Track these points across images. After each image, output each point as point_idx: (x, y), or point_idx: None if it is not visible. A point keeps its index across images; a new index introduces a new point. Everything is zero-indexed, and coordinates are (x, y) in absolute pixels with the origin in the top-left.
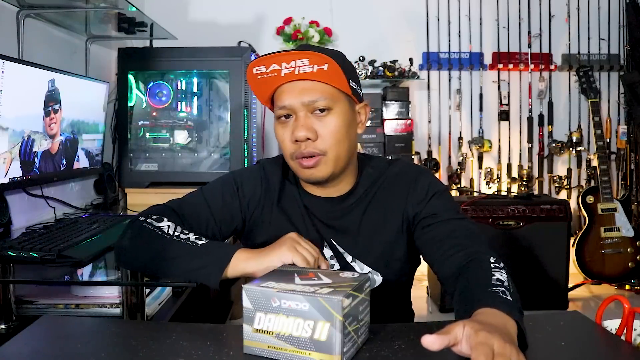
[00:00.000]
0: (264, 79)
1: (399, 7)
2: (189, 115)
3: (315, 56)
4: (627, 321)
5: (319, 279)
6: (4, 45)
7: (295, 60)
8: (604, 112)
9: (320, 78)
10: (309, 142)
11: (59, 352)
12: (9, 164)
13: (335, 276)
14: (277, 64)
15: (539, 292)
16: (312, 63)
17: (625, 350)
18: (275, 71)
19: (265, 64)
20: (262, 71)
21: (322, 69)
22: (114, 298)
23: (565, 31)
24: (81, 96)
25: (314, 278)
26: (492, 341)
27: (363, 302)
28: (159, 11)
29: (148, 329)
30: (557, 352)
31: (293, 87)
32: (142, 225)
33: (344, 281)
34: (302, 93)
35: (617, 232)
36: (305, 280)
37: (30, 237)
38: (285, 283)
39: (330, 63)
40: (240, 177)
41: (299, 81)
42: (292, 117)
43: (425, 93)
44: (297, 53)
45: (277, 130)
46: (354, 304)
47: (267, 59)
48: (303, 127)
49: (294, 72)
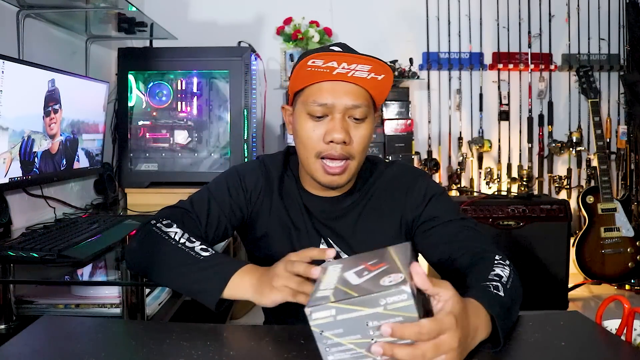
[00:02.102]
0: (313, 71)
1: (399, 7)
2: (189, 115)
3: (377, 65)
4: (627, 321)
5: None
6: (4, 45)
7: (357, 64)
8: (604, 112)
9: (367, 86)
10: (342, 146)
11: (59, 352)
12: (9, 164)
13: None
14: (337, 62)
15: (539, 292)
16: (372, 71)
17: (625, 350)
18: (330, 68)
19: (325, 59)
20: (318, 65)
21: (375, 78)
22: (114, 298)
23: (565, 31)
24: (81, 96)
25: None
26: (449, 332)
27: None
28: (159, 11)
29: (148, 329)
30: (557, 352)
31: (338, 87)
32: (152, 229)
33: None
34: (346, 95)
35: (617, 232)
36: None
37: (30, 237)
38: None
39: (387, 75)
40: (243, 170)
41: (344, 82)
42: (327, 117)
43: (425, 93)
44: (361, 58)
45: (305, 125)
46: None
47: (329, 55)
48: (343, 130)
49: (347, 74)
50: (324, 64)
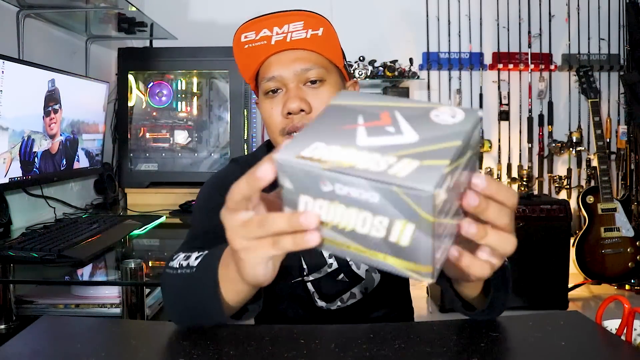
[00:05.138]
0: (252, 49)
1: (399, 7)
2: (189, 115)
3: (310, 18)
4: (627, 321)
5: (398, 131)
6: (4, 45)
7: (288, 23)
8: (603, 112)
9: (313, 47)
10: (302, 115)
11: (59, 352)
12: (9, 164)
13: (424, 123)
14: (269, 29)
15: (539, 291)
16: (307, 27)
17: (625, 350)
18: (266, 38)
19: (255, 28)
20: (252, 38)
21: (316, 34)
22: (114, 298)
23: (565, 31)
24: (81, 96)
25: (390, 127)
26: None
27: (470, 161)
28: (158, 11)
29: (148, 329)
30: (557, 352)
31: (284, 57)
32: (164, 273)
33: (438, 138)
34: (293, 62)
35: (617, 232)
36: (375, 135)
37: (30, 237)
38: (340, 146)
39: (326, 27)
40: (218, 181)
41: (290, 50)
42: (282, 91)
43: (425, 93)
44: (290, 14)
45: (264, 105)
46: (453, 182)
47: (257, 22)
48: (296, 98)
49: (286, 39)
50: (256, 35)
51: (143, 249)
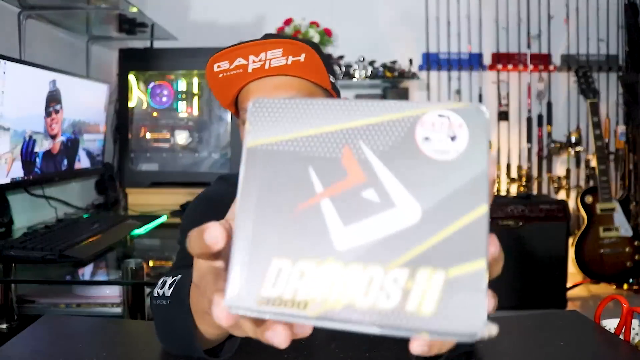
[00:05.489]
0: (227, 78)
1: (399, 7)
2: (190, 116)
3: (289, 45)
4: (626, 320)
5: (384, 198)
6: (5, 45)
7: (265, 51)
8: (602, 113)
9: (296, 72)
10: None
11: (60, 351)
12: (10, 164)
13: (415, 165)
14: (244, 58)
15: (538, 291)
16: (286, 54)
17: (623, 349)
18: (241, 67)
19: (228, 58)
20: (225, 68)
21: (298, 60)
22: (115, 298)
23: (564, 32)
24: (82, 97)
25: (368, 190)
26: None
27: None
28: (159, 12)
29: (149, 329)
30: (556, 351)
31: (263, 85)
32: (151, 299)
33: (449, 201)
34: (275, 90)
35: (615, 232)
36: (354, 218)
37: (31, 237)
38: (315, 262)
39: (308, 52)
40: (204, 199)
41: (270, 77)
42: None
43: (425, 94)
44: (267, 43)
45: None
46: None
47: (229, 51)
48: None
49: (264, 66)
50: (230, 64)
51: (144, 248)
